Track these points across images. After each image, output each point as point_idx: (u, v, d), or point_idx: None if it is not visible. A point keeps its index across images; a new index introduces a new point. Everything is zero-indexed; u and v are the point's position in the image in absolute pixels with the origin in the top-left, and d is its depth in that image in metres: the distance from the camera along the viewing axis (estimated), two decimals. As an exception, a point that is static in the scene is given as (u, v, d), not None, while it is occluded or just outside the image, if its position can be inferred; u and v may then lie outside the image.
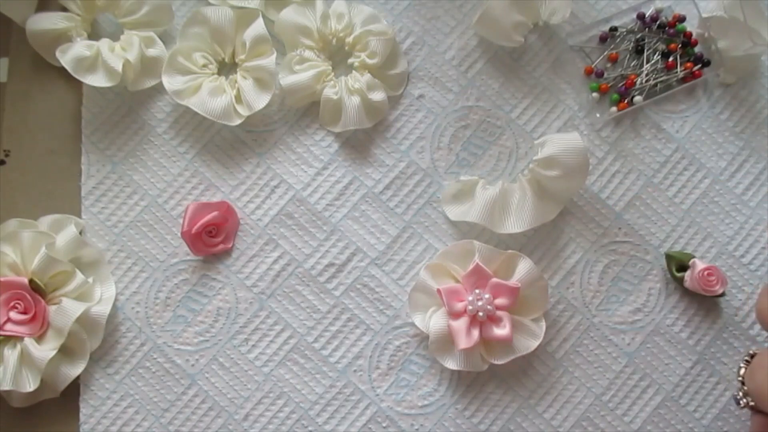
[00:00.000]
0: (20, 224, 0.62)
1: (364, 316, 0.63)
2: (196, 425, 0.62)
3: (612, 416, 0.62)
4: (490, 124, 0.66)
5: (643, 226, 0.65)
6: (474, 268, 0.60)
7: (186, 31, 0.65)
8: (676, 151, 0.66)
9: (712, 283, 0.61)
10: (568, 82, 0.67)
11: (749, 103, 0.67)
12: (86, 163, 0.65)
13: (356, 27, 0.65)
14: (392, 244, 0.64)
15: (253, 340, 0.63)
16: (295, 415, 0.62)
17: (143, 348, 0.63)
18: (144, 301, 0.63)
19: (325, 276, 0.64)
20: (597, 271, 0.64)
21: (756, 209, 0.65)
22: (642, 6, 0.67)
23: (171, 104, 0.66)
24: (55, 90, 0.66)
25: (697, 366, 0.63)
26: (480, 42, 0.67)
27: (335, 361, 0.63)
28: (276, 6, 0.65)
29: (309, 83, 0.64)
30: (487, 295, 0.59)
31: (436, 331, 0.60)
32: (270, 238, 0.64)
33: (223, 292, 0.64)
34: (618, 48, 0.67)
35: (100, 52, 0.63)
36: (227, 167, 0.65)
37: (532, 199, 0.61)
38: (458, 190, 0.64)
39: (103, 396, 0.62)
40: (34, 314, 0.60)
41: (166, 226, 0.64)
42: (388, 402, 0.62)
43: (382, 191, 0.65)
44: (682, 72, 0.65)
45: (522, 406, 0.62)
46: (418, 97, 0.66)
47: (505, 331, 0.59)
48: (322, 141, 0.66)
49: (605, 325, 0.63)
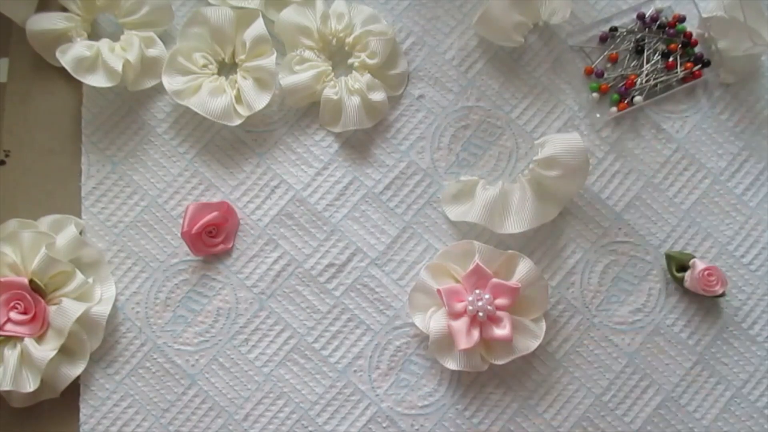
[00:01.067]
0: (20, 224, 0.62)
1: (364, 317, 0.63)
2: (196, 425, 0.62)
3: (612, 416, 0.62)
4: (490, 124, 0.66)
5: (643, 226, 0.65)
6: (474, 268, 0.60)
7: (186, 31, 0.65)
8: (676, 151, 0.66)
9: (712, 283, 0.61)
10: (568, 82, 0.67)
11: (749, 103, 0.67)
12: (86, 163, 0.65)
13: (356, 27, 0.65)
14: (392, 245, 0.64)
15: (253, 341, 0.63)
16: (295, 415, 0.62)
17: (143, 348, 0.63)
18: (144, 301, 0.63)
19: (325, 276, 0.64)
20: (597, 271, 0.64)
21: (756, 209, 0.65)
22: (642, 6, 0.67)
23: (171, 104, 0.66)
24: (55, 90, 0.66)
25: (697, 366, 0.63)
26: (480, 42, 0.67)
27: (335, 362, 0.63)
28: (276, 6, 0.65)
29: (309, 83, 0.64)
30: (488, 296, 0.59)
31: (436, 331, 0.60)
32: (270, 238, 0.64)
33: (223, 292, 0.64)
34: (618, 48, 0.67)
35: (100, 53, 0.63)
36: (227, 167, 0.65)
37: (532, 200, 0.61)
38: (458, 190, 0.64)
39: (103, 396, 0.62)
40: (34, 314, 0.60)
41: (166, 227, 0.64)
42: (388, 402, 0.62)
43: (382, 191, 0.65)
44: (682, 72, 0.65)
45: (522, 406, 0.62)
46: (418, 97, 0.66)
47: (506, 331, 0.59)
48: (322, 141, 0.66)
49: (605, 326, 0.63)
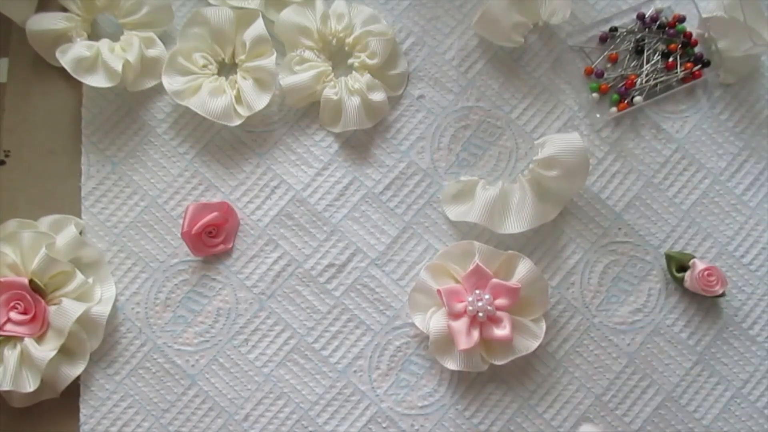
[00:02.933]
0: (20, 224, 0.62)
1: (364, 317, 0.63)
2: (196, 426, 0.62)
3: (612, 416, 0.62)
4: (490, 125, 0.66)
5: (643, 226, 0.65)
6: (474, 268, 0.60)
7: (186, 32, 0.65)
8: (676, 152, 0.66)
9: (712, 284, 0.61)
10: (568, 82, 0.67)
11: (749, 103, 0.67)
12: (86, 163, 0.65)
13: (356, 27, 0.65)
14: (392, 245, 0.64)
15: (253, 341, 0.63)
16: (296, 415, 0.62)
17: (143, 348, 0.63)
18: (144, 301, 0.63)
19: (325, 276, 0.64)
20: (597, 271, 0.64)
21: (756, 209, 0.65)
22: (642, 6, 0.67)
23: (171, 104, 0.66)
24: (55, 90, 0.66)
25: (697, 366, 0.63)
26: (480, 42, 0.67)
27: (335, 362, 0.63)
28: (276, 6, 0.65)
29: (309, 83, 0.64)
30: (488, 296, 0.59)
31: (436, 331, 0.60)
32: (270, 238, 0.64)
33: (223, 292, 0.64)
34: (618, 48, 0.67)
35: (100, 53, 0.63)
36: (227, 168, 0.65)
37: (532, 200, 0.61)
38: (458, 190, 0.64)
39: (103, 396, 0.62)
40: (34, 314, 0.60)
41: (166, 227, 0.64)
42: (389, 402, 0.62)
43: (382, 192, 0.65)
44: (682, 72, 0.65)
45: (522, 407, 0.62)
46: (418, 97, 0.66)
47: (506, 331, 0.59)
48: (322, 141, 0.66)
49: (605, 326, 0.63)
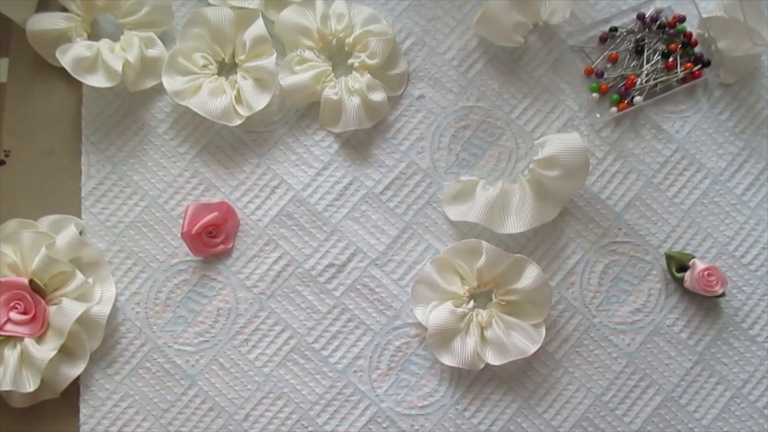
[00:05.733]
0: (20, 224, 0.62)
1: (364, 317, 0.63)
2: (196, 426, 0.62)
3: (612, 416, 0.62)
4: (490, 125, 0.66)
5: (643, 226, 0.65)
6: (476, 269, 0.60)
7: (186, 32, 0.65)
8: (676, 152, 0.66)
9: (712, 284, 0.61)
10: (568, 82, 0.67)
11: (749, 103, 0.67)
12: (86, 163, 0.65)
13: (356, 27, 0.65)
14: (392, 245, 0.64)
15: (253, 341, 0.63)
16: (296, 415, 0.62)
17: (143, 348, 0.63)
18: (144, 301, 0.63)
19: (325, 276, 0.64)
20: (597, 271, 0.64)
21: (756, 209, 0.65)
22: (642, 6, 0.67)
23: (171, 104, 0.66)
24: (55, 90, 0.66)
25: (697, 366, 0.63)
26: (480, 42, 0.67)
27: (335, 362, 0.63)
28: (276, 6, 0.65)
29: (309, 83, 0.64)
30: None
31: (435, 324, 0.60)
32: (270, 238, 0.64)
33: (223, 292, 0.64)
34: (618, 48, 0.67)
35: (100, 53, 0.63)
36: (227, 167, 0.65)
37: (532, 199, 0.61)
38: (458, 190, 0.64)
39: (103, 396, 0.62)
40: (34, 314, 0.60)
41: (166, 227, 0.64)
42: (389, 402, 0.62)
43: (382, 191, 0.65)
44: (682, 72, 0.65)
45: (522, 407, 0.62)
46: (418, 97, 0.66)
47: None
48: (322, 141, 0.66)
49: (605, 326, 0.63)
